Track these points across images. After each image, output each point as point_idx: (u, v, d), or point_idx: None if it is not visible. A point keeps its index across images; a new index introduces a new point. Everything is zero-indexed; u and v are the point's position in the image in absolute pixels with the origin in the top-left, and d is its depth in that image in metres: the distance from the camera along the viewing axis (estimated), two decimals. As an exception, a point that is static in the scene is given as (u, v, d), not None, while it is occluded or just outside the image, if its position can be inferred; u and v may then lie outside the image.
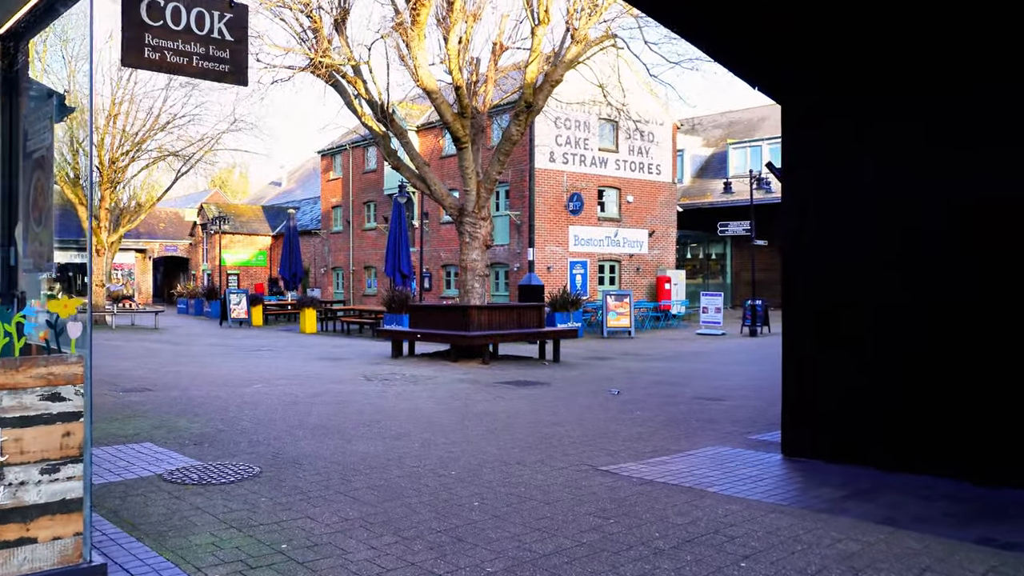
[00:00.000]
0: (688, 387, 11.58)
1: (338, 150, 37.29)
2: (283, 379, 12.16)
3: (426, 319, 15.86)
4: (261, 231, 44.03)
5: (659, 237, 29.88)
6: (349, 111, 16.75)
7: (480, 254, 15.53)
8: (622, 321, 22.52)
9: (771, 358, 16.07)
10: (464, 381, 12.22)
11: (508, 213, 26.74)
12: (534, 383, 12.05)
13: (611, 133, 28.50)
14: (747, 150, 37.19)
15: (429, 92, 14.43)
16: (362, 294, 35.36)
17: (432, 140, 30.44)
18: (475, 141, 15.92)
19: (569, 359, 16.16)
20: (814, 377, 6.61)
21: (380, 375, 12.90)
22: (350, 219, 36.23)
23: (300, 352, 17.59)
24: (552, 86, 14.52)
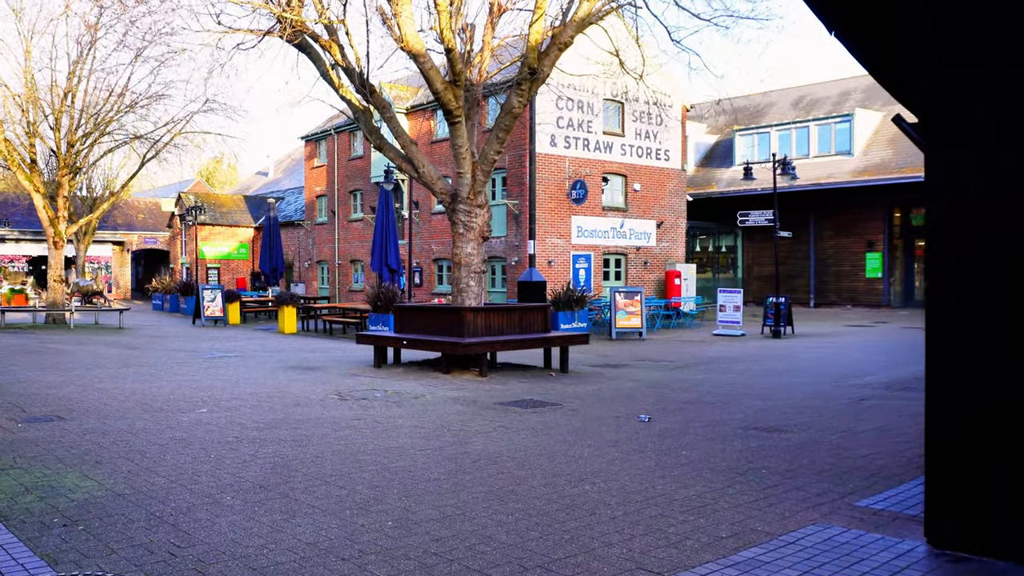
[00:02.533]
0: (731, 409, 9.46)
1: (322, 135, 35.02)
2: (238, 399, 9.99)
3: (414, 321, 13.69)
4: (243, 222, 41.75)
5: (668, 228, 27.74)
6: (325, 82, 14.54)
7: (476, 247, 13.36)
8: (632, 321, 20.38)
9: (811, 366, 13.94)
10: (458, 401, 10.07)
11: (505, 202, 24.54)
12: (543, 404, 9.91)
13: (616, 115, 26.30)
14: (754, 137, 35.14)
15: (416, 56, 12.23)
16: (348, 290, 33.15)
17: (422, 123, 28.21)
18: (470, 116, 13.72)
19: (578, 367, 14.03)
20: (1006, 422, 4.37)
21: (357, 392, 10.73)
22: (335, 209, 33.98)
23: (271, 359, 15.40)
24: (560, 50, 12.34)
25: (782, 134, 34.13)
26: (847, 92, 36.44)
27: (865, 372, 13.11)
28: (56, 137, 23.27)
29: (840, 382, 11.97)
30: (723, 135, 38.13)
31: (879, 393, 10.69)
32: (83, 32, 22.88)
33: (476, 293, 13.44)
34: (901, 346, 17.46)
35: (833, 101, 36.22)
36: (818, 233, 32.14)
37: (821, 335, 20.67)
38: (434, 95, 12.58)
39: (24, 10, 23.23)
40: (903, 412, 9.13)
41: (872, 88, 35.52)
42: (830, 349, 17.15)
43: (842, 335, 20.58)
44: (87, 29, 22.82)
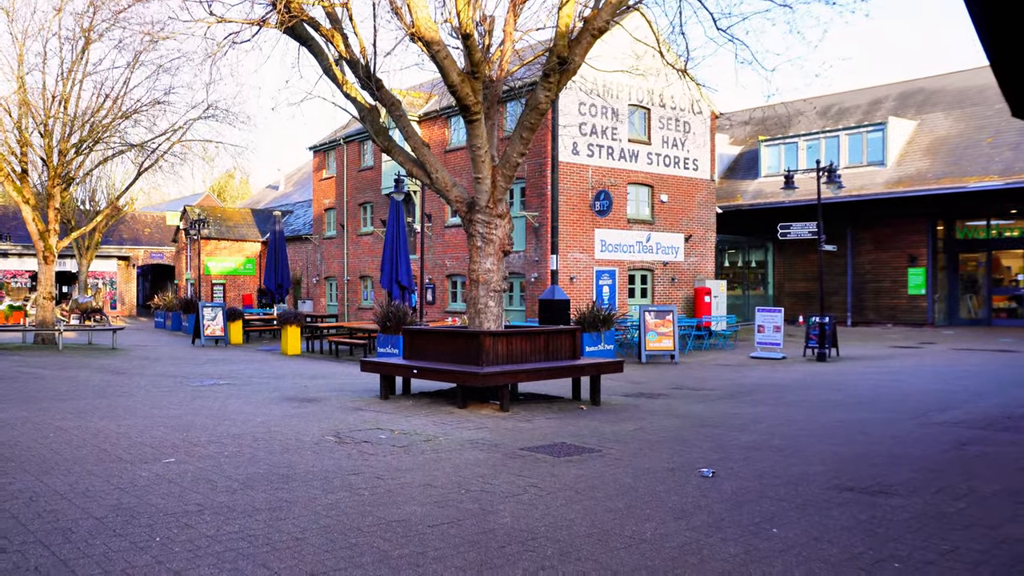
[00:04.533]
0: (807, 458, 7.80)
1: (331, 146, 33.62)
2: (216, 443, 8.41)
3: (425, 346, 12.09)
4: (250, 237, 40.36)
5: (696, 242, 26.08)
6: (328, 79, 13.04)
7: (496, 262, 11.78)
8: (664, 343, 18.72)
9: (875, 398, 11.99)
10: (477, 445, 8.45)
11: (524, 214, 22.98)
12: (579, 450, 8.28)
13: (642, 122, 24.73)
14: (781, 148, 33.46)
15: (429, 43, 10.70)
16: (357, 307, 31.62)
17: (436, 131, 26.73)
18: (489, 115, 12.18)
19: (610, 398, 12.40)
20: None
21: (358, 433, 9.13)
22: (344, 223, 32.52)
23: (266, 387, 13.84)
24: (593, 37, 10.78)
25: (810, 144, 32.48)
26: (878, 100, 34.77)
27: (942, 405, 11.40)
28: (46, 145, 21.89)
29: (920, 418, 10.28)
30: (747, 146, 36.52)
31: (976, 435, 9.00)
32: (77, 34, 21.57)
33: (496, 315, 11.85)
34: (965, 372, 15.71)
35: (863, 110, 34.54)
36: (856, 247, 30.40)
37: (869, 358, 18.93)
38: (450, 89, 11.04)
39: (16, 11, 21.95)
40: (1017, 461, 7.46)
41: (905, 95, 33.85)
42: (887, 376, 15.43)
43: (892, 358, 18.84)
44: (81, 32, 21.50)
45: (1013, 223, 28.60)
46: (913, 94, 33.48)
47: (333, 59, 12.69)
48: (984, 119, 29.03)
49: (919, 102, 32.59)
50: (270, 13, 11.90)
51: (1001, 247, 29.02)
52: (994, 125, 28.40)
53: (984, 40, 7.32)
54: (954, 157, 27.84)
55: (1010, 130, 27.65)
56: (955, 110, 30.45)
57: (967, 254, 29.97)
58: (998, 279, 29.28)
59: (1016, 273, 29.31)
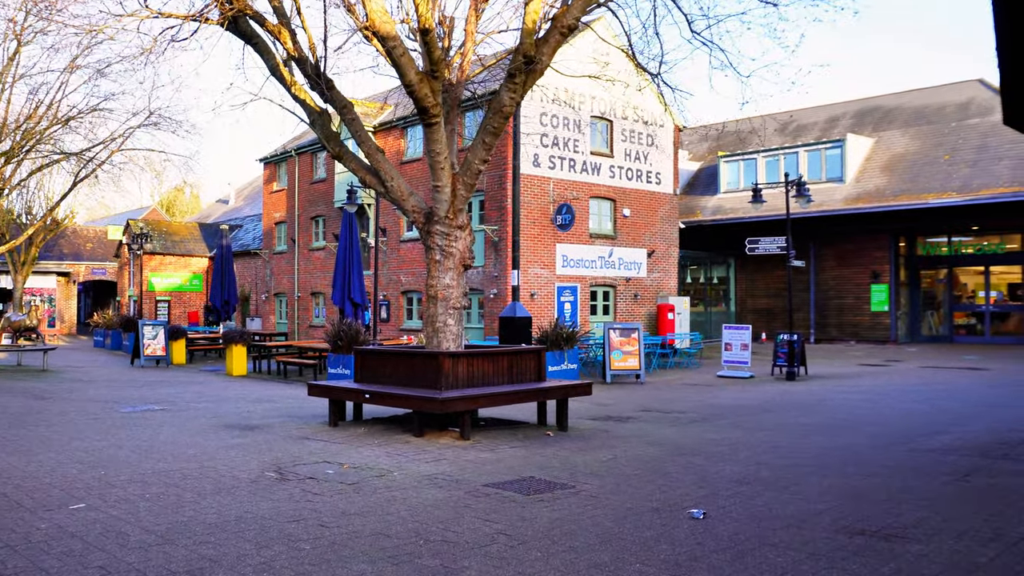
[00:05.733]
0: (805, 494, 7.04)
1: (283, 157, 32.47)
2: (138, 483, 7.38)
3: (379, 368, 11.15)
4: (197, 252, 38.87)
5: (659, 258, 25.50)
6: (276, 80, 12.09)
7: (456, 277, 10.92)
8: (630, 362, 17.99)
9: (855, 420, 11.14)
10: (436, 482, 7.54)
11: (484, 228, 22.16)
12: (550, 486, 7.42)
13: (604, 134, 24.13)
14: (740, 163, 33.22)
15: (385, 39, 9.83)
16: (308, 325, 30.42)
17: (392, 142, 25.81)
18: (449, 119, 11.35)
19: (578, 423, 11.57)
20: None
21: (303, 467, 8.16)
22: (295, 237, 31.34)
23: (205, 413, 12.75)
24: (562, 35, 10.04)
25: (770, 160, 32.27)
26: (836, 117, 34.79)
27: (927, 429, 10.80)
28: (-29, 153, 20.53)
29: (909, 444, 9.63)
30: (706, 162, 36.29)
31: (975, 465, 8.34)
32: (8, 36, 20.27)
33: (456, 334, 10.96)
34: (940, 393, 15.23)
35: (821, 127, 34.52)
36: (819, 263, 30.14)
37: (838, 377, 18.43)
38: (407, 89, 10.19)
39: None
40: (1037, 499, 6.80)
41: (862, 112, 33.88)
42: (860, 396, 14.87)
43: (861, 376, 18.36)
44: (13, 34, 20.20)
45: (972, 239, 28.61)
46: (870, 111, 33.53)
47: (281, 58, 11.76)
48: (941, 136, 29.07)
49: (876, 119, 32.62)
50: (211, 7, 10.94)
51: (961, 263, 29.01)
52: (951, 143, 28.44)
53: (1000, 44, 6.83)
54: (912, 174, 27.77)
55: (967, 148, 27.69)
56: (912, 127, 30.48)
57: (928, 270, 29.91)
58: (957, 295, 29.24)
59: (974, 289, 29.31)
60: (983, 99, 29.85)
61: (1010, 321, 28.19)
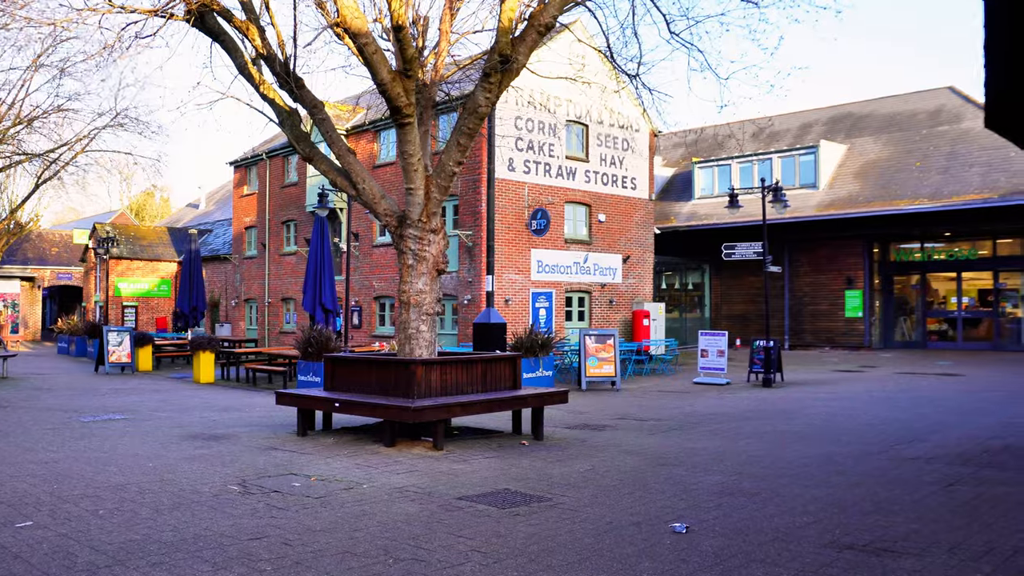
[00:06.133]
0: (789, 506, 6.83)
1: (253, 161, 31.95)
2: (91, 498, 7.00)
3: (349, 376, 10.81)
4: (165, 256, 38.18)
5: (634, 263, 25.34)
6: (244, 79, 11.73)
7: (429, 282, 10.62)
8: (605, 369, 17.76)
9: (834, 428, 10.76)
10: (407, 494, 7.24)
11: (458, 232, 21.87)
12: (526, 499, 7.15)
13: (580, 138, 23.95)
14: (714, 169, 33.20)
15: (356, 36, 9.53)
16: (279, 331, 29.91)
17: (364, 146, 25.45)
18: (423, 120, 11.07)
19: (554, 432, 11.31)
20: None
21: (268, 479, 7.82)
22: (266, 242, 30.83)
23: (169, 422, 12.32)
24: (539, 34, 9.80)
25: (743, 166, 32.29)
26: (808, 124, 34.89)
27: (907, 437, 10.66)
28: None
29: (890, 452, 9.47)
30: (680, 168, 36.25)
31: (960, 474, 8.19)
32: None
33: (428, 341, 10.66)
34: (917, 399, 15.16)
35: (794, 134, 34.59)
36: (793, 269, 30.15)
37: (815, 383, 18.34)
38: (379, 88, 9.89)
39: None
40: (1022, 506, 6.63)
41: (834, 120, 34.03)
42: (838, 403, 14.75)
43: (837, 383, 18.28)
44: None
45: (944, 245, 28.78)
46: (843, 118, 33.68)
47: (249, 57, 11.42)
48: (912, 144, 29.23)
49: (848, 126, 32.77)
50: (175, 2, 10.57)
51: (933, 269, 29.16)
52: (922, 150, 28.60)
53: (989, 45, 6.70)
54: (884, 180, 27.89)
55: (937, 155, 27.87)
56: (884, 134, 30.64)
57: (901, 276, 30.04)
58: (929, 301, 29.40)
59: (945, 296, 29.48)
60: (953, 106, 30.09)
61: (981, 327, 28.39)
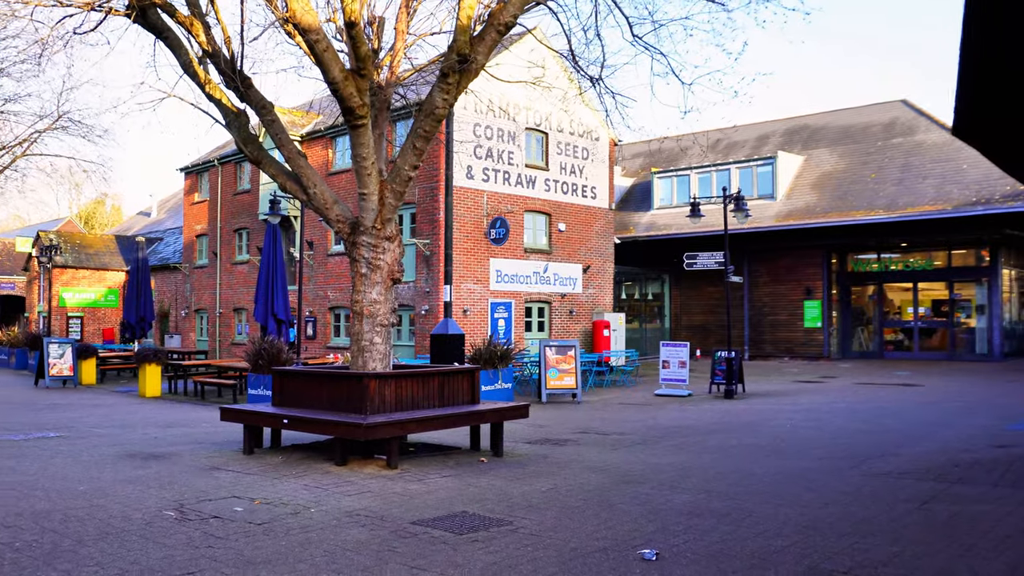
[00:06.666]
0: (762, 527, 6.48)
1: (205, 167, 31.11)
2: (9, 528, 6.39)
3: (299, 391, 10.28)
4: (113, 265, 37.01)
5: (594, 273, 25.07)
6: (189, 79, 11.15)
7: (383, 292, 10.15)
8: (566, 381, 17.40)
9: (800, 441, 10.51)
10: (358, 520, 6.75)
11: (415, 241, 21.38)
12: (484, 522, 6.70)
13: (539, 146, 23.65)
14: (673, 180, 33.17)
15: (307, 32, 9.05)
16: (231, 342, 29.07)
17: (319, 152, 24.85)
18: (377, 123, 10.62)
19: (514, 447, 10.89)
20: None
21: (207, 505, 7.26)
22: (217, 250, 29.98)
23: (108, 440, 11.64)
24: (499, 33, 9.42)
25: (702, 176, 32.31)
26: (766, 135, 35.07)
27: (875, 450, 10.43)
28: None
29: (860, 467, 9.22)
30: (639, 178, 36.20)
31: (934, 490, 7.93)
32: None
33: (383, 353, 10.17)
34: (880, 410, 15.04)
35: (752, 144, 34.73)
36: (753, 279, 30.15)
37: (776, 394, 18.18)
38: (331, 88, 9.42)
39: None
40: (1004, 523, 6.36)
41: (791, 131, 34.25)
42: (802, 415, 14.55)
43: (799, 394, 18.14)
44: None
45: (900, 256, 29.03)
46: (799, 130, 33.92)
47: (195, 55, 10.86)
48: (867, 155, 29.48)
49: (804, 138, 32.98)
50: (115, -6, 9.99)
51: (890, 280, 29.39)
52: (877, 162, 28.85)
53: (964, 53, 6.53)
54: (841, 192, 28.05)
55: (892, 166, 28.12)
56: (839, 146, 30.88)
57: (858, 287, 30.23)
58: (886, 312, 29.61)
59: (900, 306, 29.73)
60: (906, 119, 30.44)
61: (936, 337, 28.65)
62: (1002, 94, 7.72)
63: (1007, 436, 11.24)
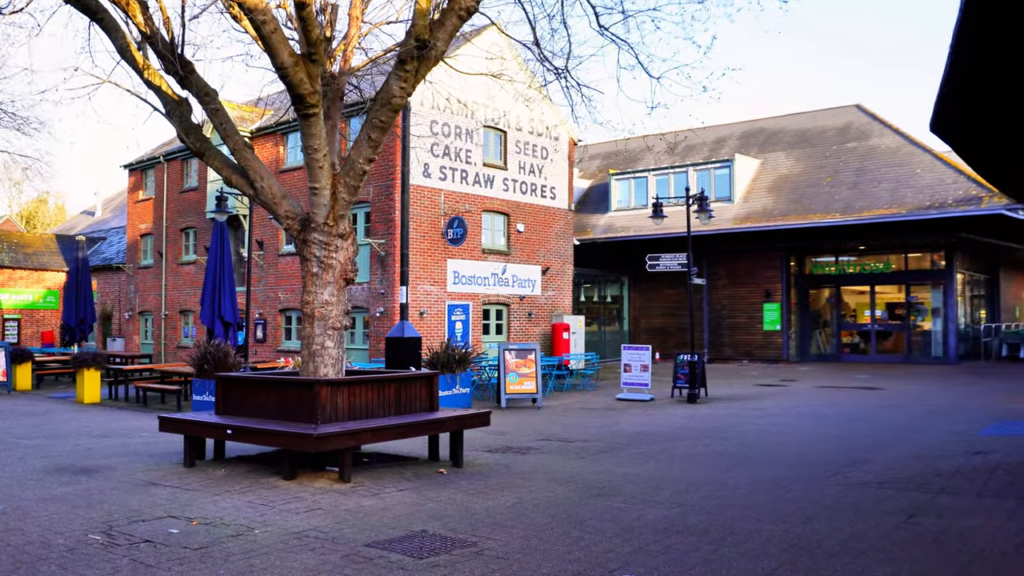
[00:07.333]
0: (744, 543, 6.03)
1: (150, 164, 29.96)
2: (-92, 558, 5.66)
3: (245, 398, 9.59)
4: (53, 265, 35.53)
5: (553, 275, 24.63)
6: (126, 64, 10.39)
7: (336, 292, 9.53)
8: (527, 385, 16.88)
9: (770, 448, 10.11)
10: (307, 542, 6.14)
11: (369, 241, 20.69)
12: (446, 543, 6.15)
13: (498, 145, 23.12)
14: (631, 182, 32.91)
15: (252, 12, 8.39)
16: (176, 346, 27.99)
17: (270, 150, 24.00)
18: (330, 114, 9.99)
19: (475, 457, 10.34)
20: None
21: (139, 527, 6.58)
22: (163, 250, 28.87)
23: (37, 452, 10.81)
24: (460, 19, 8.88)
25: (660, 178, 32.10)
26: (723, 139, 35.03)
27: (849, 457, 10.10)
28: None
29: (837, 476, 8.86)
30: (597, 180, 35.90)
31: (917, 502, 7.58)
32: None
33: (335, 358, 9.54)
34: (847, 415, 14.80)
35: (709, 147, 34.65)
36: (712, 282, 30.00)
37: (740, 398, 17.90)
38: (280, 74, 8.77)
39: None
40: (997, 540, 6.00)
41: (747, 134, 34.25)
42: (768, 420, 14.24)
43: (762, 398, 17.88)
44: None
45: (857, 259, 29.13)
46: (755, 133, 33.92)
47: (133, 39, 10.11)
48: (823, 159, 29.55)
49: (761, 141, 32.99)
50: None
51: (848, 283, 29.48)
52: (832, 165, 28.92)
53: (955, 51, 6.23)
54: (797, 195, 28.05)
55: (847, 170, 28.20)
56: (795, 150, 30.92)
57: (816, 290, 30.27)
58: (843, 315, 29.70)
59: (855, 308, 29.84)
60: (860, 124, 30.60)
61: (892, 339, 28.81)
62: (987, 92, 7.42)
63: (981, 442, 11.01)
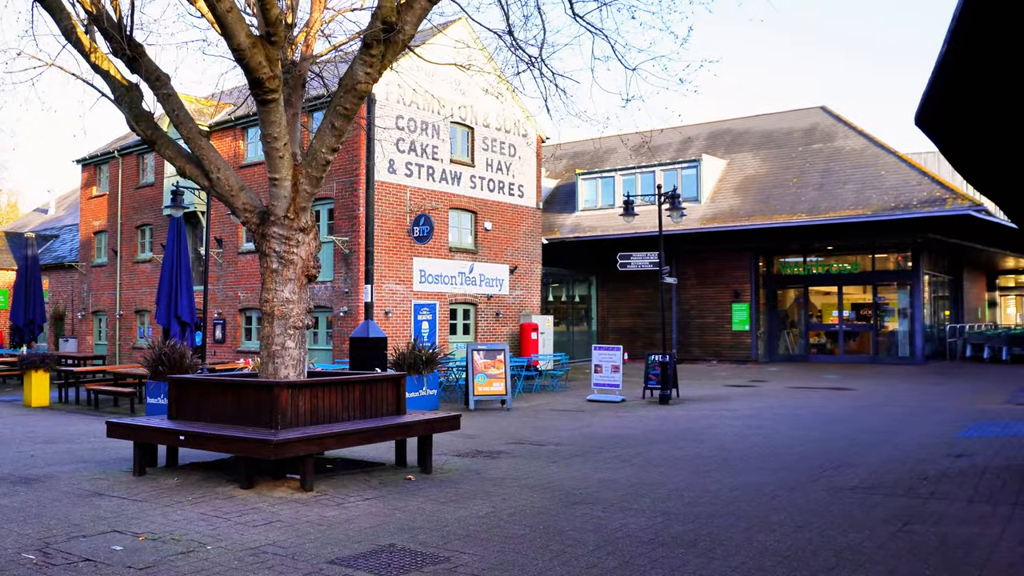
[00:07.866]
0: (735, 557, 5.65)
1: (104, 159, 28.99)
2: None
3: (200, 402, 9.02)
4: (2, 264, 34.33)
5: (522, 274, 24.21)
6: (72, 47, 9.76)
7: (297, 290, 9.00)
8: (495, 387, 16.43)
9: (749, 451, 9.72)
10: (264, 560, 5.63)
11: (333, 238, 20.09)
12: (416, 558, 5.68)
13: (465, 142, 22.66)
14: (598, 181, 32.63)
15: (207, -10, 7.84)
16: (132, 347, 27.09)
17: (230, 144, 23.27)
18: (291, 102, 9.46)
19: (444, 462, 9.88)
20: None
21: (80, 543, 6.02)
22: (118, 248, 27.92)
23: (-27, 459, 10.11)
24: (430, 1, 8.39)
25: (627, 178, 31.84)
26: (689, 139, 34.88)
27: (830, 460, 9.81)
28: None
29: (822, 480, 8.54)
30: (564, 179, 35.59)
31: (908, 508, 7.27)
32: None
33: (296, 359, 9.01)
34: (822, 416, 14.59)
35: (676, 147, 34.49)
36: (681, 282, 29.80)
37: (711, 399, 17.63)
38: (236, 56, 8.22)
39: None
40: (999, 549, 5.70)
41: (714, 135, 34.17)
42: (743, 421, 13.96)
43: (735, 399, 17.64)
44: None
45: (823, 259, 29.14)
46: (722, 134, 33.84)
47: (80, 20, 9.49)
48: (789, 160, 29.53)
49: (727, 142, 32.91)
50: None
51: (816, 283, 29.48)
52: (798, 166, 28.90)
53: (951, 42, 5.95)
54: (764, 195, 27.97)
55: (813, 171, 28.19)
56: (762, 151, 30.87)
57: (784, 290, 30.23)
58: (811, 315, 29.70)
59: (821, 309, 29.87)
60: (826, 125, 30.64)
61: (859, 340, 28.86)
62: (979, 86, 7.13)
63: (961, 444, 10.80)
